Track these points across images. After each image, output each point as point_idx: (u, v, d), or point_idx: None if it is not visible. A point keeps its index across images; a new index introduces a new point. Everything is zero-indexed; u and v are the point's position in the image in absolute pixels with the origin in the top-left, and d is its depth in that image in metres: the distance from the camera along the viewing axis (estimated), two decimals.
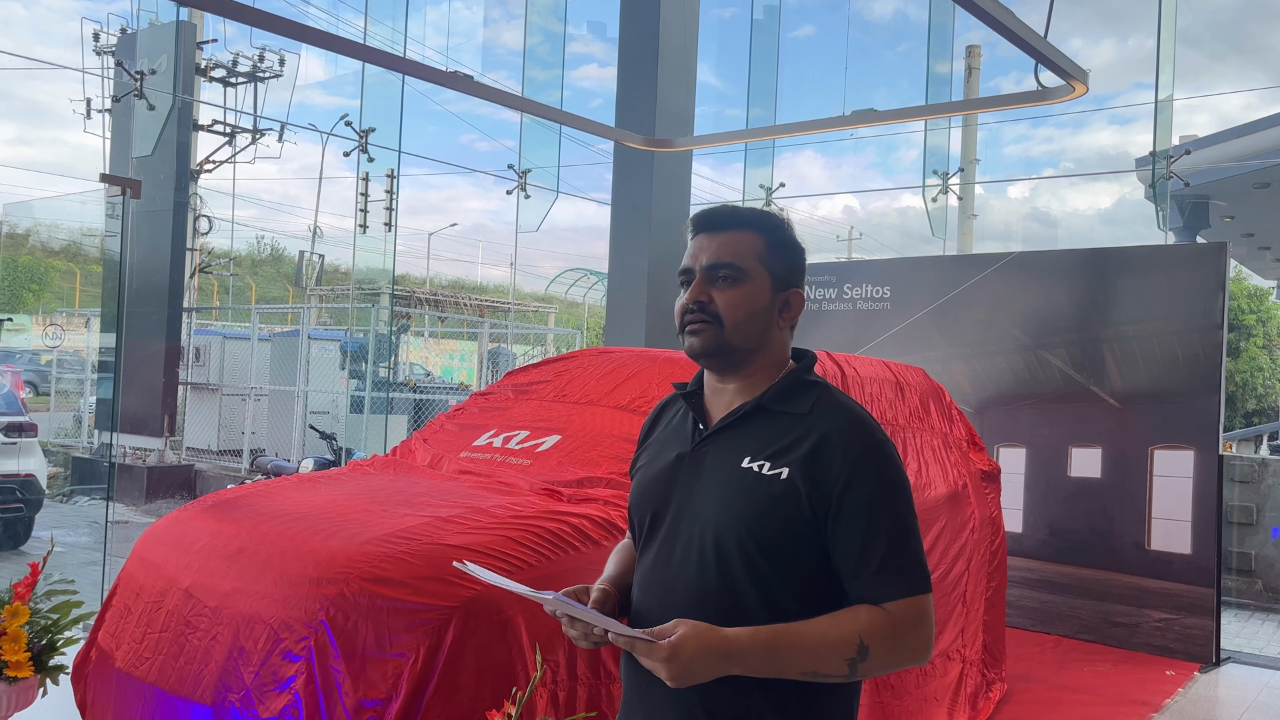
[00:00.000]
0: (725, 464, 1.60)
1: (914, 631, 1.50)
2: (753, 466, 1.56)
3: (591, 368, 3.83)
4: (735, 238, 1.64)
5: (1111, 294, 5.92)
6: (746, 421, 1.62)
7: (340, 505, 2.83)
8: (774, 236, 1.66)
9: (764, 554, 1.53)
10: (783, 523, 1.53)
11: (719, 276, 1.62)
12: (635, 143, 6.68)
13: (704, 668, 1.41)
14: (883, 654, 1.48)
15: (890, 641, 1.48)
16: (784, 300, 1.66)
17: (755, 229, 1.65)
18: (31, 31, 64.65)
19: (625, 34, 7.75)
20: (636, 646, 1.41)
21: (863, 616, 1.48)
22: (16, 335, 21.23)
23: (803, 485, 1.52)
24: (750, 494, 1.55)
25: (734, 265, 1.62)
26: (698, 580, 1.57)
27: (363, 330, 15.66)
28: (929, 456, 3.97)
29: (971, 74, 19.41)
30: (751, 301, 1.61)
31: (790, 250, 1.68)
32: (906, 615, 1.49)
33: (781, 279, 1.65)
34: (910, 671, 3.55)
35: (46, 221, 26.10)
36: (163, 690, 2.53)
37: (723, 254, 1.62)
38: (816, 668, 1.46)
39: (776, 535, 1.53)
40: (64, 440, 16.91)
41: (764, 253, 1.64)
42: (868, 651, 1.46)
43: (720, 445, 1.63)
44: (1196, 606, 5.54)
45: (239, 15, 4.12)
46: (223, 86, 18.39)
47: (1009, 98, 5.63)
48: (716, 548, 1.55)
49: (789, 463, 1.54)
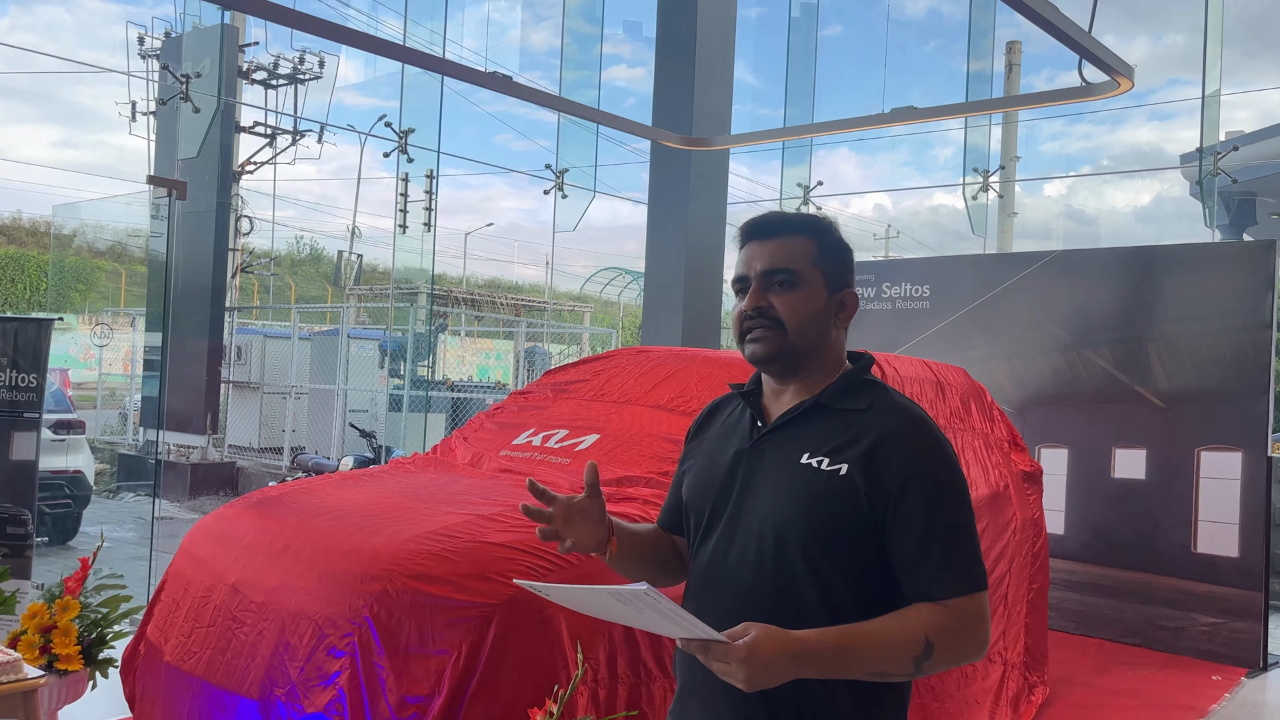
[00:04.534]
0: (784, 460, 1.62)
1: (974, 628, 1.52)
2: (812, 462, 1.58)
3: (629, 367, 3.84)
4: (787, 243, 1.66)
5: (1156, 292, 5.83)
6: (806, 418, 1.64)
7: (383, 503, 2.86)
8: (824, 239, 1.68)
9: (822, 548, 1.55)
10: (841, 518, 1.54)
11: (776, 282, 1.64)
12: (673, 142, 6.68)
13: (779, 670, 1.41)
14: (946, 651, 1.50)
15: (953, 638, 1.50)
16: (839, 301, 1.68)
17: (806, 233, 1.68)
18: (75, 35, 65.83)
19: (663, 33, 7.75)
20: (712, 650, 1.40)
21: (925, 615, 1.50)
22: (64, 334, 21.63)
23: (861, 481, 1.53)
24: (809, 489, 1.56)
25: (789, 270, 1.64)
26: (755, 574, 1.58)
27: (401, 329, 15.80)
28: (970, 457, 3.93)
29: (1012, 70, 19.18)
30: (810, 304, 1.64)
31: (841, 251, 1.70)
32: (967, 612, 1.51)
33: (836, 280, 1.67)
34: (951, 673, 3.52)
35: (92, 222, 26.56)
36: (210, 684, 2.57)
37: (777, 259, 1.65)
38: (884, 667, 1.48)
39: (834, 529, 1.55)
40: (110, 437, 17.22)
41: (816, 255, 1.66)
42: (933, 649, 1.48)
43: (779, 442, 1.65)
44: (1244, 610, 5.44)
45: (283, 18, 4.17)
46: (263, 88, 18.66)
47: (1053, 94, 5.55)
48: (776, 542, 1.57)
49: (848, 459, 1.55)
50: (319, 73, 18.70)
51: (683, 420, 3.33)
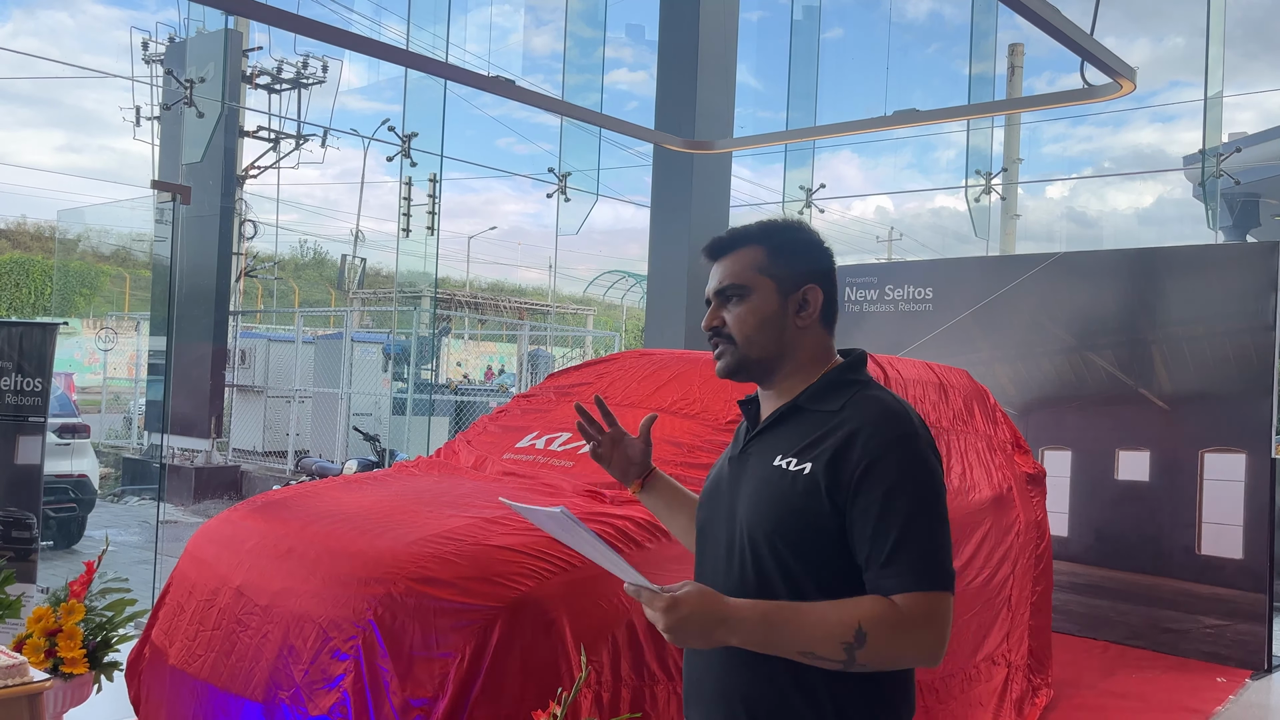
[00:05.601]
0: (761, 464, 1.64)
1: (921, 628, 1.46)
2: (782, 464, 1.59)
3: (633, 370, 3.84)
4: (735, 257, 1.70)
5: (1159, 294, 5.83)
6: (783, 422, 1.66)
7: (386, 506, 2.87)
8: (773, 242, 1.70)
9: (790, 549, 1.56)
10: (803, 514, 1.55)
11: (728, 298, 1.69)
12: (675, 145, 6.68)
13: (698, 627, 1.43)
14: (883, 645, 1.45)
15: (893, 633, 1.45)
16: (798, 300, 1.67)
17: (754, 241, 1.70)
18: (78, 40, 65.96)
19: (665, 36, 7.76)
20: (642, 594, 1.44)
21: (866, 604, 1.47)
22: (68, 338, 21.68)
23: (823, 479, 1.53)
24: (776, 490, 1.58)
25: (734, 284, 1.68)
26: (736, 577, 1.61)
27: (405, 333, 15.81)
28: (973, 459, 3.94)
29: (1014, 73, 19.18)
30: (757, 312, 1.66)
31: (796, 248, 1.70)
32: (914, 610, 1.46)
33: (789, 280, 1.67)
34: (955, 675, 3.52)
35: (97, 227, 26.61)
36: (215, 687, 2.58)
37: (725, 276, 1.70)
38: (812, 648, 1.46)
39: (798, 530, 1.55)
40: (115, 441, 17.25)
41: (763, 262, 1.68)
42: (865, 639, 1.44)
43: (760, 447, 1.68)
44: (1248, 612, 5.43)
45: (287, 23, 4.18)
46: (267, 93, 18.70)
47: (1056, 96, 5.56)
48: (750, 545, 1.60)
49: (813, 457, 1.56)
50: (322, 77, 18.74)
51: (686, 423, 3.34)
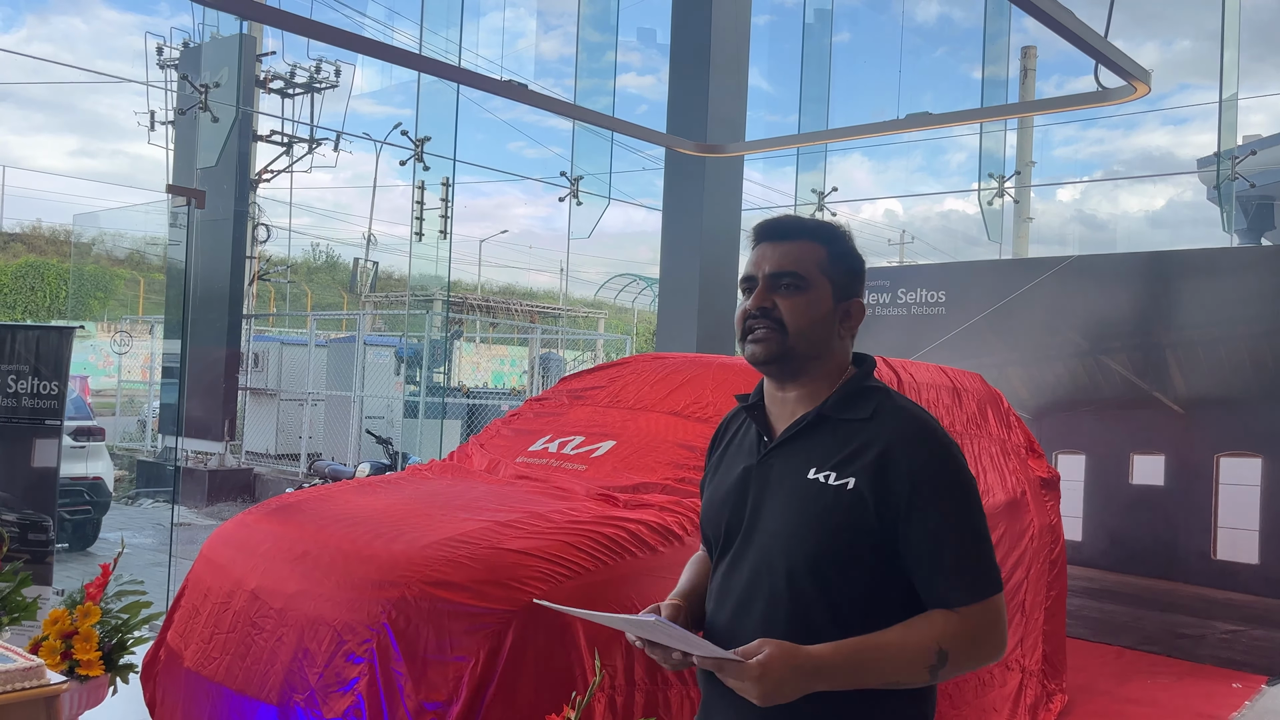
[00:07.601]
0: (792, 476, 1.61)
1: (989, 633, 1.52)
2: (819, 477, 1.57)
3: (645, 373, 3.84)
4: (798, 247, 1.66)
5: (1175, 298, 5.80)
6: (811, 431, 1.63)
7: (400, 509, 2.88)
8: (835, 247, 1.68)
9: (833, 563, 1.54)
10: (851, 533, 1.54)
11: (782, 284, 1.64)
12: (687, 149, 6.69)
13: (792, 686, 1.43)
14: (961, 658, 1.50)
15: (967, 645, 1.50)
16: (845, 310, 1.67)
17: (817, 239, 1.68)
18: (92, 46, 66.40)
19: (677, 40, 7.76)
20: (725, 668, 1.42)
21: (939, 623, 1.50)
22: (84, 342, 21.81)
23: (870, 495, 1.53)
24: (818, 504, 1.56)
25: (797, 274, 1.64)
26: (768, 592, 1.58)
27: (417, 336, 15.85)
28: (987, 463, 3.92)
29: (1027, 75, 19.12)
30: (814, 309, 1.63)
31: (851, 260, 1.70)
32: (982, 618, 1.51)
33: (842, 288, 1.67)
34: (969, 680, 3.51)
35: (112, 231, 26.80)
36: (230, 689, 2.59)
37: (786, 262, 1.65)
38: (899, 677, 1.49)
39: (844, 545, 1.54)
40: (129, 444, 17.34)
41: (825, 262, 1.66)
42: (947, 657, 1.48)
43: (786, 456, 1.64)
44: (1265, 618, 5.39)
45: (301, 28, 4.20)
46: (280, 97, 18.79)
47: (1070, 99, 5.54)
48: (786, 559, 1.57)
49: (854, 472, 1.55)
50: (335, 81, 18.82)
51: (698, 426, 3.34)
